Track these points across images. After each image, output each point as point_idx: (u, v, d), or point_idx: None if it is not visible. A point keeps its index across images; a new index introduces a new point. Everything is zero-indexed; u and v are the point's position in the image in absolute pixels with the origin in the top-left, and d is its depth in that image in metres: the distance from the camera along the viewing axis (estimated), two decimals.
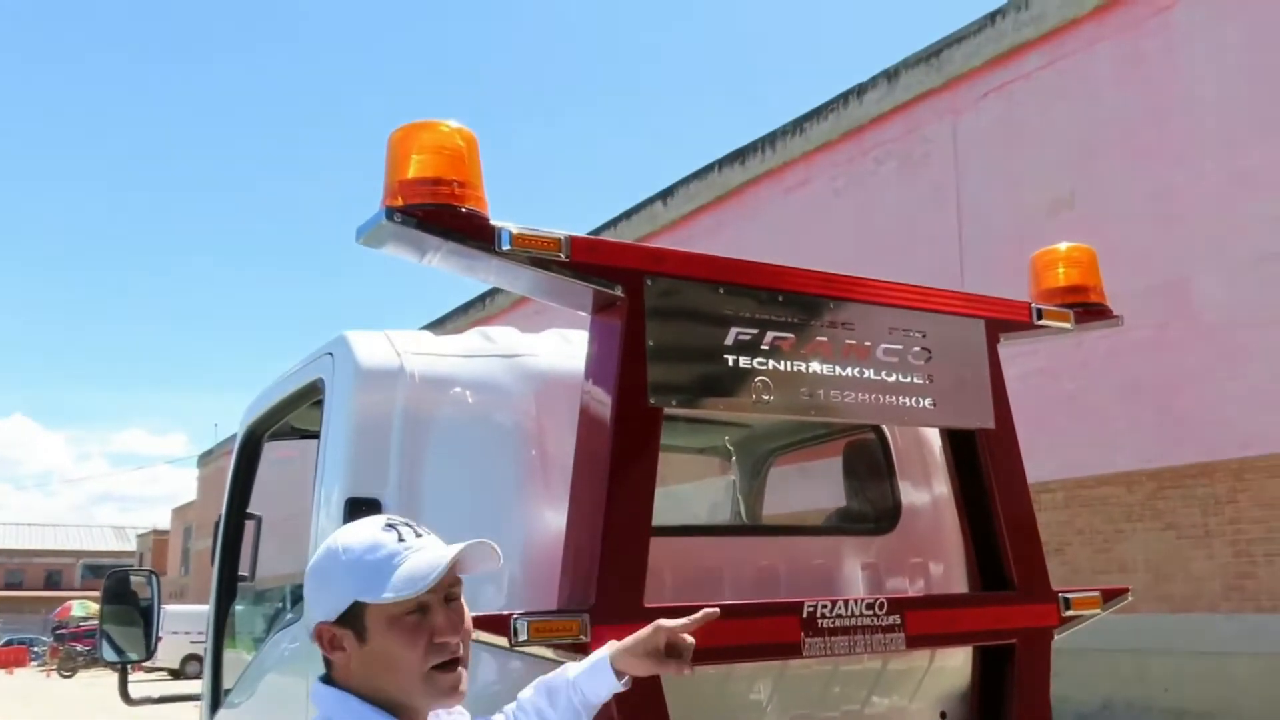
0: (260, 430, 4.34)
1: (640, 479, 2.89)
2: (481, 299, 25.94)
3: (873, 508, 3.99)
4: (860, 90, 16.29)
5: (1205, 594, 11.42)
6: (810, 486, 4.81)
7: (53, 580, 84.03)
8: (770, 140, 17.85)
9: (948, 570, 3.73)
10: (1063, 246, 3.89)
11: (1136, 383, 12.27)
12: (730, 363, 3.06)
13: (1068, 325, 3.76)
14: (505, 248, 2.79)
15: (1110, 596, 3.62)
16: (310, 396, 3.70)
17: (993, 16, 14.45)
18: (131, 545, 77.47)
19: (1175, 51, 12.42)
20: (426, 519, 2.05)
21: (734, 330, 3.09)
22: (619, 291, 2.96)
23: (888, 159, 15.77)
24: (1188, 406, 11.80)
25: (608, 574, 2.76)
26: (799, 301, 3.21)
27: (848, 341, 3.26)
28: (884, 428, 3.91)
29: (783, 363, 3.14)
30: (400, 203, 2.70)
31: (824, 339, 3.23)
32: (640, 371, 2.93)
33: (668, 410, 2.96)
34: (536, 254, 2.84)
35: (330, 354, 3.42)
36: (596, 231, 20.96)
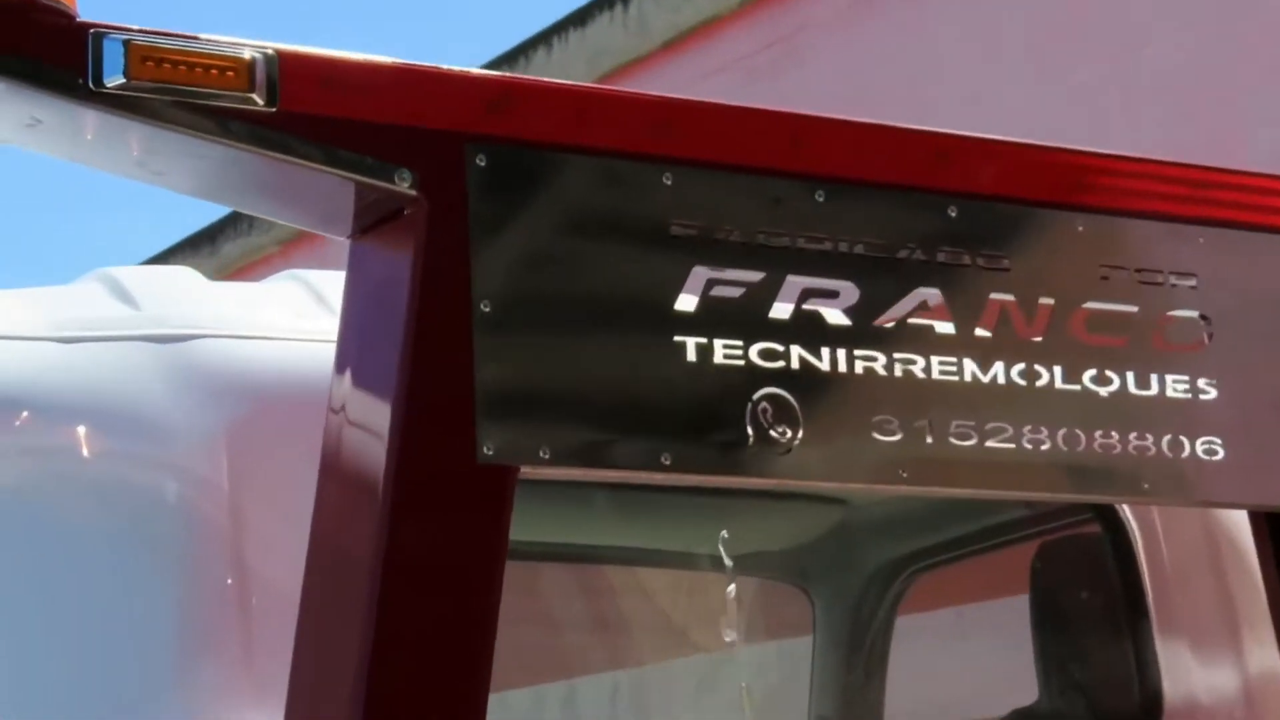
0: None
1: (465, 641, 1.98)
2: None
3: (1101, 696, 3.16)
4: None
5: None
6: (963, 651, 4.10)
7: None
8: None
9: None
10: None
11: None
12: (693, 352, 2.17)
13: None
14: (113, 82, 1.88)
15: None
16: None
17: None
18: None
19: None
20: None
21: (702, 274, 2.18)
22: (407, 186, 1.97)
23: None
24: None
25: None
26: (874, 203, 2.26)
27: (995, 296, 2.33)
28: (1121, 512, 2.98)
29: (830, 354, 2.22)
30: None
31: (935, 297, 2.34)
32: (459, 376, 1.98)
33: (529, 473, 1.99)
34: (194, 97, 1.90)
35: None
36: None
